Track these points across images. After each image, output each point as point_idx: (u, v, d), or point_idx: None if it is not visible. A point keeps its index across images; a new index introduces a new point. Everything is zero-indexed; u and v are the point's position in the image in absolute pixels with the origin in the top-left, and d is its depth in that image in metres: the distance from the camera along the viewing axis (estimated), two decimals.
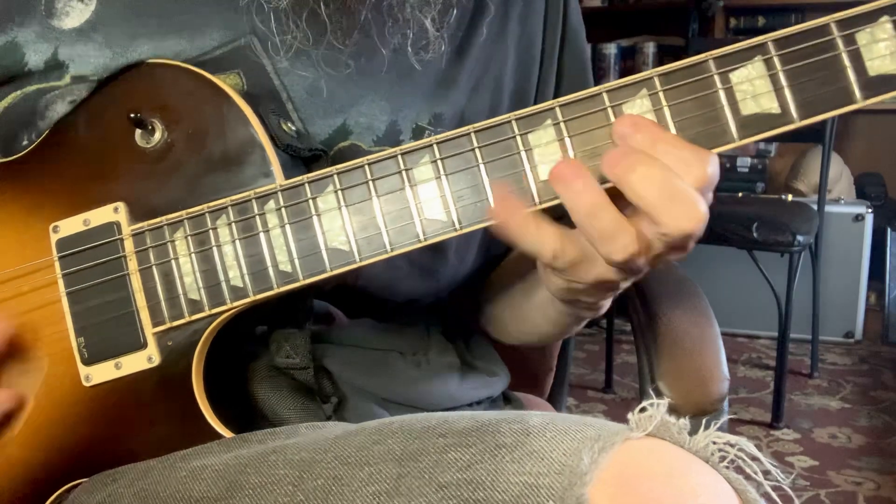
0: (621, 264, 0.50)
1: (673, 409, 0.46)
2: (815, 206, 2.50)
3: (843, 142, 3.34)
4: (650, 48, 3.52)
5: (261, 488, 0.50)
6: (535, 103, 0.54)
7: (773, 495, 0.45)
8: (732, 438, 0.46)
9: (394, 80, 0.65)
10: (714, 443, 0.45)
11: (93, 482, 0.58)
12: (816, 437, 2.25)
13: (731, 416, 2.40)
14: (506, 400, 0.81)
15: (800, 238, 2.20)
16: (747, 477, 0.45)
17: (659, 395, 0.71)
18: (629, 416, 0.46)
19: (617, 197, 0.49)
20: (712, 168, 0.49)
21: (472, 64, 0.68)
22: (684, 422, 0.46)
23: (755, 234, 2.22)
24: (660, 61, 3.57)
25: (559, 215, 0.52)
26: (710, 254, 2.64)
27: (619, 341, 2.88)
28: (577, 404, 2.50)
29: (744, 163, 3.21)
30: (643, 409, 0.46)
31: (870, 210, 2.88)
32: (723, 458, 0.45)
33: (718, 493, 0.44)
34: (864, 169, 3.33)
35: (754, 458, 0.45)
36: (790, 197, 2.74)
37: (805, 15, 3.40)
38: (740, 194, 2.87)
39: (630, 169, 0.48)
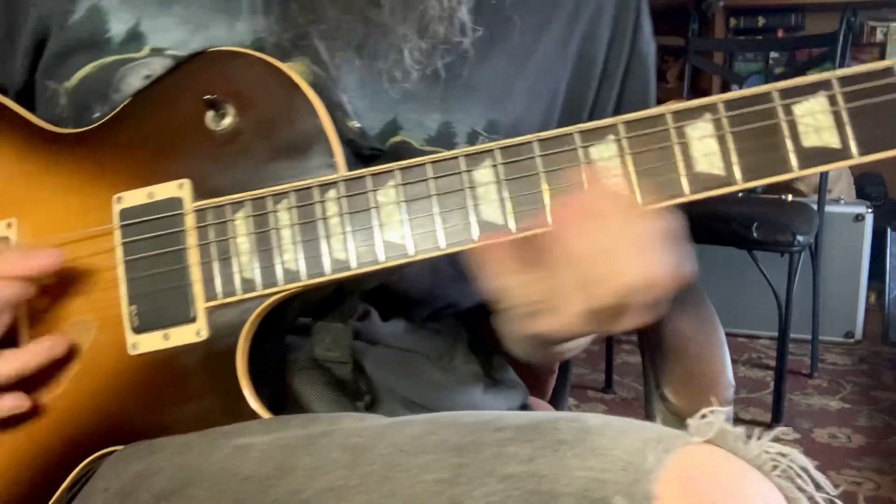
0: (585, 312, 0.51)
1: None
2: (815, 206, 2.50)
3: None
4: None
5: (314, 470, 0.50)
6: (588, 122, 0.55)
7: None
8: (784, 449, 0.47)
9: (447, 81, 0.65)
10: (767, 452, 0.47)
11: (129, 451, 0.58)
12: (816, 437, 2.26)
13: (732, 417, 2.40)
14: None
15: (800, 238, 2.20)
16: (797, 487, 0.47)
17: (664, 400, 0.72)
18: (689, 421, 0.48)
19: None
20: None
21: (531, 75, 0.69)
22: (740, 430, 0.47)
23: (755, 234, 2.21)
24: (660, 61, 3.57)
25: None
26: (710, 254, 2.63)
27: (619, 341, 2.88)
28: (577, 404, 2.50)
29: None
30: (703, 416, 0.47)
31: (870, 210, 2.87)
32: (773, 468, 0.47)
33: (772, 500, 0.45)
34: (864, 169, 3.33)
35: (804, 469, 0.47)
36: (790, 197, 2.74)
37: (805, 15, 3.40)
38: (740, 194, 2.87)
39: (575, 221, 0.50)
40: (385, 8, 0.62)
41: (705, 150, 0.52)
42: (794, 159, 0.51)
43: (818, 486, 0.47)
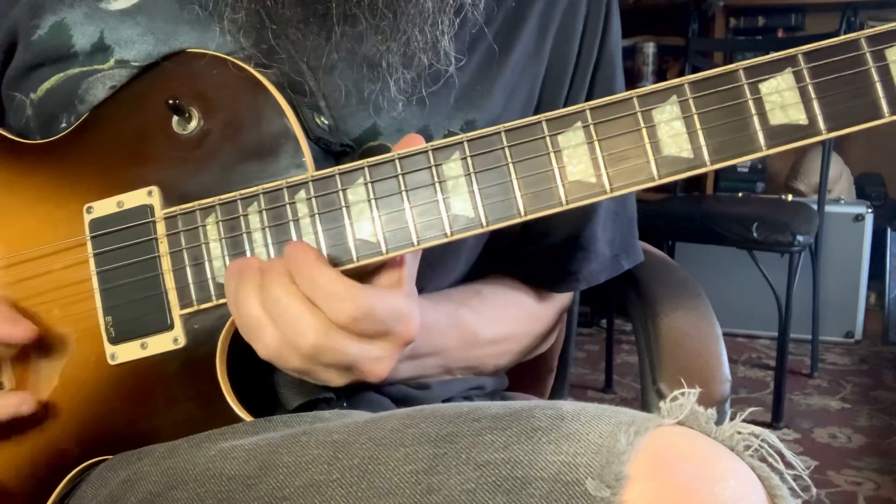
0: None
1: None
2: (815, 206, 2.50)
3: (843, 142, 3.33)
4: (650, 48, 3.51)
5: (295, 467, 0.50)
6: None
7: (793, 484, 0.47)
8: (757, 430, 0.48)
9: (428, 84, 0.65)
10: (739, 433, 0.47)
11: (117, 460, 0.58)
12: (816, 437, 2.25)
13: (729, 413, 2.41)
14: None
15: (800, 238, 2.20)
16: (769, 466, 0.47)
17: (660, 395, 0.72)
18: (661, 404, 0.49)
19: None
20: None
21: (509, 75, 0.69)
22: (712, 412, 0.48)
23: (755, 234, 2.22)
24: (660, 61, 3.57)
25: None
26: (710, 254, 2.64)
27: (619, 341, 2.88)
28: None
29: (743, 163, 3.20)
30: (674, 398, 0.48)
31: (870, 210, 2.88)
32: (746, 448, 0.47)
33: (745, 478, 0.45)
34: (864, 169, 3.33)
35: (776, 450, 0.47)
36: (790, 197, 2.74)
37: (805, 15, 3.40)
38: (740, 194, 2.87)
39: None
40: (367, 38, 0.61)
41: (672, 132, 0.52)
42: (761, 138, 0.51)
43: (788, 465, 0.47)
